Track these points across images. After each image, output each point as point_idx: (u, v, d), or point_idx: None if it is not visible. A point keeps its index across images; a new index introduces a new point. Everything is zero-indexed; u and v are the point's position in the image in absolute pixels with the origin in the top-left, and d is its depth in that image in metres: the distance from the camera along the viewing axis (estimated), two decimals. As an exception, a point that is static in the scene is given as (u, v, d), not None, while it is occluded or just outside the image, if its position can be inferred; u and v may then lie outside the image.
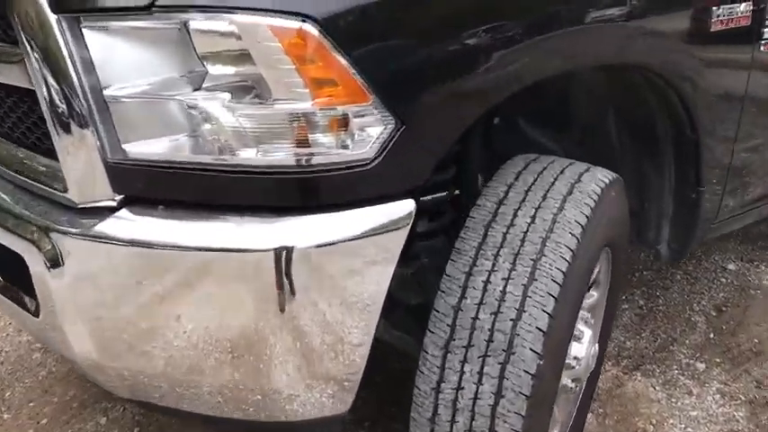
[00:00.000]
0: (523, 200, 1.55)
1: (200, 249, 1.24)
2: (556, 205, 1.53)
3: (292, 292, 1.26)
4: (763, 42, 1.78)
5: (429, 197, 1.64)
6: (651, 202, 2.01)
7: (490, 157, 2.03)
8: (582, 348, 1.74)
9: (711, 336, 2.63)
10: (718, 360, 2.47)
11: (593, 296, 1.90)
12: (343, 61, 1.19)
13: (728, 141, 1.87)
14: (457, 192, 1.81)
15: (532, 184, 1.59)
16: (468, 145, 1.78)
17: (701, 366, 2.43)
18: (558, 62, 1.49)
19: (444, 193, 1.76)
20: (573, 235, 1.48)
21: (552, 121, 2.08)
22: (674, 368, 2.43)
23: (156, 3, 1.19)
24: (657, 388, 2.32)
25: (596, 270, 1.79)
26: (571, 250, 1.46)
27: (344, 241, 1.26)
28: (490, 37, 1.33)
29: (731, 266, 3.12)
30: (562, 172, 1.64)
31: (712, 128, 1.79)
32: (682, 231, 1.99)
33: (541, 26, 1.42)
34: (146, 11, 1.19)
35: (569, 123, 2.08)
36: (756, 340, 2.60)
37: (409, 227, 1.33)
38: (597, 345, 1.86)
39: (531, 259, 1.45)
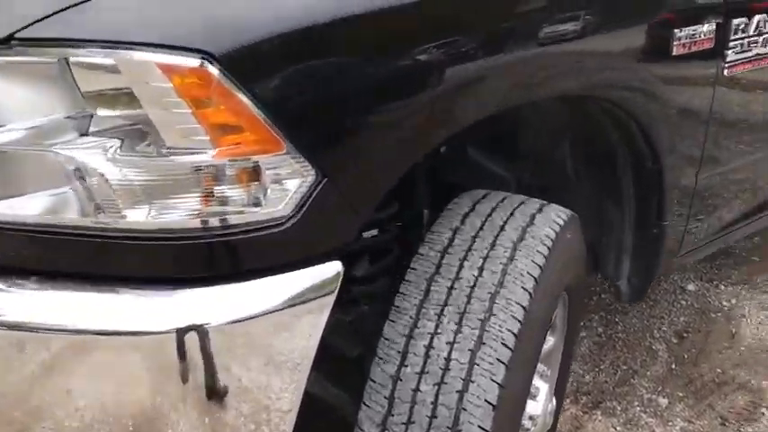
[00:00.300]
0: (470, 248, 1.38)
1: (82, 332, 1.03)
2: (506, 254, 1.36)
3: (198, 376, 1.06)
4: (727, 65, 1.64)
5: (369, 234, 1.47)
6: (610, 236, 1.86)
7: (437, 189, 1.87)
8: (538, 406, 1.58)
9: (673, 366, 2.50)
10: (680, 394, 2.35)
11: (549, 341, 1.73)
12: (249, 104, 1.00)
13: (692, 172, 1.72)
14: (400, 223, 1.65)
15: (480, 228, 1.42)
16: (411, 178, 1.61)
17: (664, 402, 2.30)
18: (511, 94, 1.32)
19: (385, 232, 1.60)
20: (525, 290, 1.31)
21: (504, 149, 1.92)
22: (636, 404, 2.29)
23: (18, 35, 0.98)
24: (619, 428, 2.18)
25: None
26: (523, 308, 1.29)
27: (258, 316, 1.06)
28: (427, 68, 1.16)
29: (691, 287, 3.01)
30: (512, 214, 1.47)
31: (675, 159, 1.64)
32: (643, 267, 1.84)
33: (492, 51, 1.24)
34: (4, 44, 0.98)
35: (522, 152, 1.92)
36: (719, 370, 2.48)
37: (336, 292, 1.14)
38: (554, 398, 1.70)
39: (479, 319, 1.27)
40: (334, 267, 1.12)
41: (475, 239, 1.39)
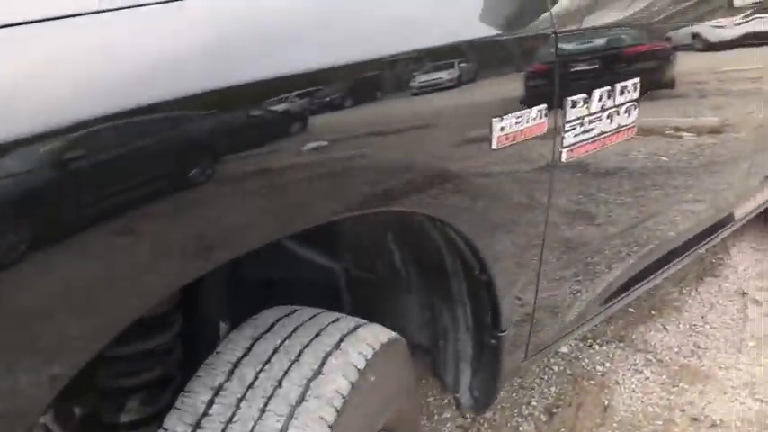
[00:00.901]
0: (231, 419, 1.04)
1: None
2: (277, 426, 1.04)
3: None
4: (565, 149, 1.38)
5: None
6: (446, 342, 1.57)
7: (245, 289, 1.54)
8: None
9: (540, 452, 2.26)
10: (546, 492, 2.10)
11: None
12: None
13: (532, 274, 1.45)
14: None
15: (250, 385, 1.09)
16: (200, 283, 1.28)
17: (528, 504, 2.05)
18: (265, 230, 0.99)
19: (160, 358, 1.27)
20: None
21: (323, 238, 1.60)
22: None
23: None
24: None
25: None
26: None
27: None
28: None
29: (564, 349, 2.80)
30: (299, 356, 1.14)
31: (508, 265, 1.37)
32: (484, 378, 1.56)
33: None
34: None
35: (344, 242, 1.61)
36: (589, 454, 2.26)
37: None
38: None
39: None
40: None
41: (239, 405, 1.06)
